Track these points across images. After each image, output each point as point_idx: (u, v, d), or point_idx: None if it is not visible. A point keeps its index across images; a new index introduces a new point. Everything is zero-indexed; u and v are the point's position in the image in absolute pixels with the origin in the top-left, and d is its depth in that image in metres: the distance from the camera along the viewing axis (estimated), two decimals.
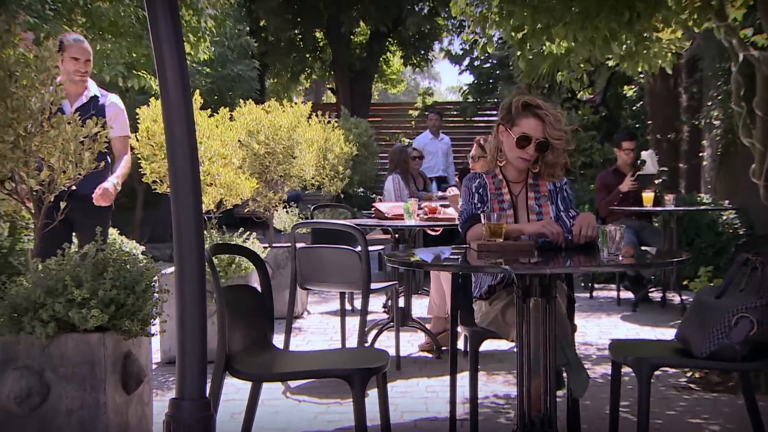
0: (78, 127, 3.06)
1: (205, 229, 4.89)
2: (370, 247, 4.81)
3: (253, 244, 5.50)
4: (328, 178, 8.59)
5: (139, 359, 3.16)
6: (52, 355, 2.90)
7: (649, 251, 3.75)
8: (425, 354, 5.32)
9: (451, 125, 17.04)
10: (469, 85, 16.89)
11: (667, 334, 5.69)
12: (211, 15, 8.37)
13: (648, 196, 6.73)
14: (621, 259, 2.83)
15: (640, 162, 7.12)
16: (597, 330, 6.05)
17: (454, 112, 17.79)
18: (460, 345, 4.95)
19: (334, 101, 19.49)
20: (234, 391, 4.04)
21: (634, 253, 3.35)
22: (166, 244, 11.39)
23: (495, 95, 16.34)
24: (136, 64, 7.94)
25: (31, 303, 2.86)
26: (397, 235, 5.77)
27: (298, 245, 4.75)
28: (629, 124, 12.29)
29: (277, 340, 3.42)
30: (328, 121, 8.70)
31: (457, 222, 3.69)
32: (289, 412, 4.02)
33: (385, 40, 18.73)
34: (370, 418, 2.87)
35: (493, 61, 16.07)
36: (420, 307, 6.56)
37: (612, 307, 7.08)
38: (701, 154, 9.20)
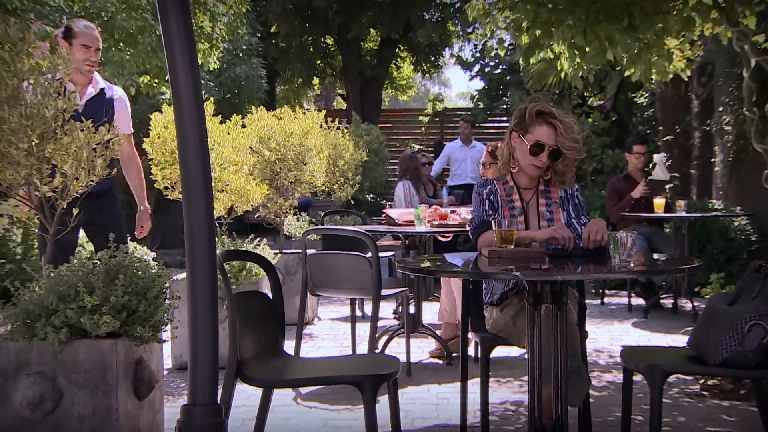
0: (91, 134, 3.07)
1: (216, 235, 4.90)
2: (380, 254, 4.81)
3: (264, 250, 5.51)
4: (338, 184, 8.60)
5: (150, 365, 3.17)
6: (65, 361, 2.91)
7: (661, 258, 3.74)
8: (436, 360, 5.32)
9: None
10: (480, 91, 16.88)
11: (678, 340, 5.67)
12: (224, 22, 8.41)
13: (659, 202, 6.70)
14: (632, 265, 2.82)
15: (651, 165, 7.10)
16: (608, 336, 6.03)
17: (466, 116, 17.78)
18: (471, 351, 4.95)
19: (345, 107, 19.52)
20: (245, 397, 4.05)
21: (645, 259, 3.34)
22: (176, 250, 11.43)
23: (505, 101, 16.33)
24: (149, 74, 7.98)
25: (43, 309, 2.88)
26: (407, 242, 5.77)
27: (308, 251, 4.76)
28: (640, 129, 12.25)
29: (288, 346, 3.42)
30: (338, 128, 8.72)
31: (467, 228, 3.68)
32: (299, 419, 4.02)
33: (396, 47, 18.75)
34: (380, 424, 2.87)
35: (504, 67, 16.06)
36: (430, 313, 6.55)
37: (623, 313, 7.06)
38: (713, 159, 9.16)
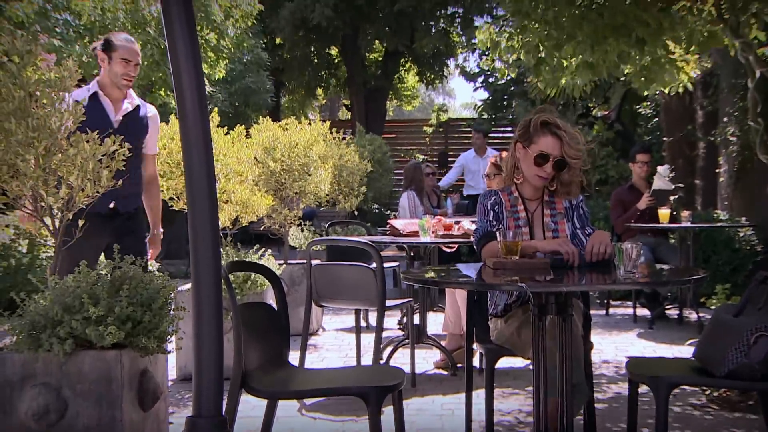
0: (96, 146, 3.09)
1: (221, 246, 4.91)
2: (385, 264, 4.81)
3: (269, 260, 5.51)
4: (343, 194, 8.61)
5: (155, 376, 3.17)
6: (70, 372, 2.91)
7: (666, 269, 3.73)
8: (440, 371, 5.31)
9: (466, 141, 17.04)
10: (484, 101, 16.89)
11: (684, 351, 5.65)
12: (229, 36, 8.46)
13: (664, 212, 6.69)
14: (637, 276, 2.81)
15: (656, 176, 7.10)
16: (613, 347, 6.01)
17: (469, 128, 17.79)
18: (476, 362, 4.94)
19: (349, 118, 19.55)
20: (249, 408, 4.04)
21: (650, 270, 3.33)
22: (181, 261, 11.44)
23: (510, 111, 16.34)
24: (154, 86, 8.05)
25: (49, 320, 2.88)
26: (412, 252, 5.77)
27: (313, 262, 4.76)
28: (645, 140, 12.25)
29: (292, 357, 3.43)
30: (343, 138, 8.74)
31: (471, 239, 3.68)
32: (304, 430, 4.02)
33: (400, 58, 18.79)
34: None
35: (508, 78, 16.08)
36: (435, 323, 6.54)
37: (628, 324, 7.04)
38: (718, 170, 9.15)
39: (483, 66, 15.90)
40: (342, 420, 4.14)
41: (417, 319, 5.41)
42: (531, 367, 3.03)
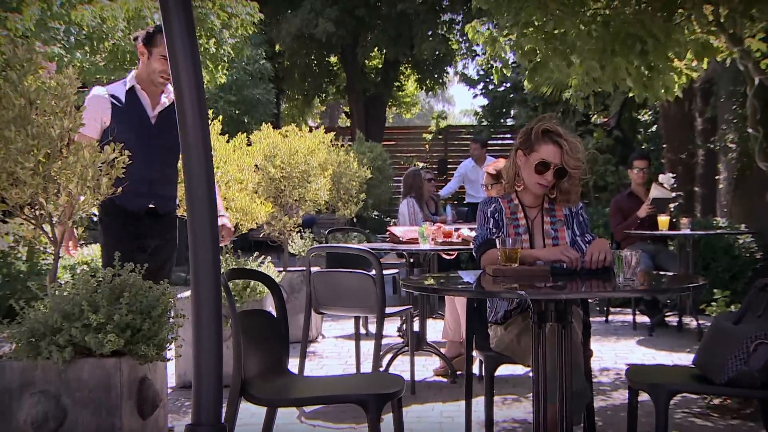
0: (96, 153, 3.09)
1: (221, 253, 4.91)
2: (384, 271, 4.81)
3: (268, 268, 5.51)
4: (342, 201, 8.61)
5: (154, 384, 3.17)
6: (69, 379, 2.91)
7: (665, 276, 3.73)
8: (440, 378, 5.30)
9: (465, 148, 17.06)
10: (483, 107, 16.92)
11: (683, 359, 5.64)
12: (230, 44, 8.47)
13: (663, 219, 6.69)
14: (637, 284, 2.81)
15: (654, 184, 7.10)
16: (613, 354, 6.00)
17: (469, 135, 17.81)
18: (476, 369, 4.93)
19: (349, 125, 19.58)
20: (249, 415, 4.04)
21: (649, 278, 3.33)
22: (181, 268, 11.42)
23: (509, 118, 16.37)
24: None
25: (48, 328, 2.88)
26: (411, 260, 5.77)
27: (312, 269, 4.76)
28: (644, 147, 12.27)
29: (292, 364, 3.42)
30: (342, 145, 8.74)
31: (471, 246, 3.68)
32: None
33: (400, 65, 18.84)
34: None
35: (507, 85, 16.11)
36: (435, 331, 6.53)
37: (628, 331, 7.03)
38: (717, 177, 9.16)
39: (480, 64, 15.92)
40: (341, 428, 4.14)
41: (416, 327, 5.40)
42: (531, 374, 3.02)
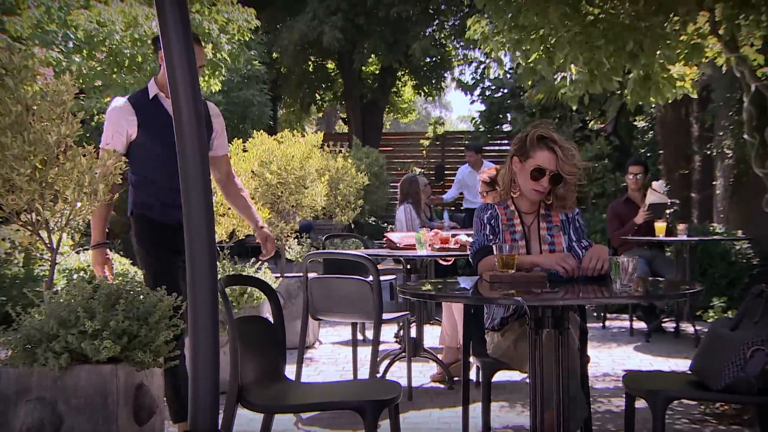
0: (93, 160, 3.09)
1: (218, 259, 4.90)
2: (381, 277, 4.80)
3: (265, 274, 5.50)
4: (339, 207, 8.61)
5: (151, 390, 3.16)
6: (65, 386, 2.90)
7: (662, 282, 3.74)
8: (437, 384, 5.30)
9: (463, 154, 17.06)
10: (481, 114, 16.94)
11: (680, 365, 5.64)
12: (227, 50, 8.47)
13: (660, 225, 6.70)
14: (633, 290, 2.81)
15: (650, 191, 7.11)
16: (610, 360, 6.00)
17: (466, 141, 17.82)
18: (473, 376, 4.93)
19: (346, 131, 19.59)
20: (245, 422, 4.03)
21: (646, 284, 3.34)
22: None
23: (506, 124, 16.38)
24: None
25: (44, 334, 2.87)
26: (408, 266, 5.76)
27: (310, 275, 4.76)
28: (640, 153, 12.29)
29: (289, 370, 3.42)
30: (339, 151, 8.75)
31: (468, 252, 3.68)
32: None
33: (397, 71, 18.86)
34: None
35: (504, 91, 16.13)
36: (432, 337, 6.53)
37: (625, 337, 7.03)
38: (714, 183, 9.18)
39: (474, 61, 15.92)
40: None
41: (414, 333, 5.40)
42: (528, 380, 3.02)
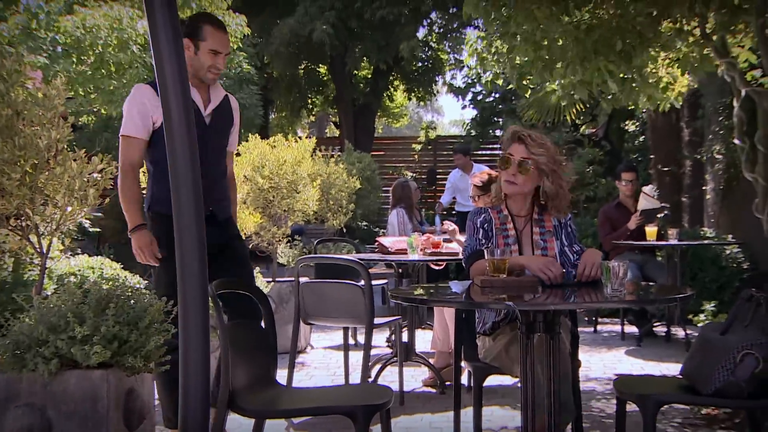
0: (84, 164, 3.08)
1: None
2: (373, 282, 4.80)
3: (257, 278, 5.49)
4: (331, 212, 8.60)
5: (142, 395, 3.15)
6: (55, 392, 2.89)
7: (653, 286, 3.75)
8: (429, 389, 5.29)
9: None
10: (472, 119, 16.98)
11: (672, 369, 5.66)
12: None
13: (651, 230, 6.72)
14: (624, 294, 2.82)
15: (642, 196, 7.14)
16: (601, 365, 6.01)
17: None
18: (464, 380, 4.93)
19: (338, 135, 19.59)
20: (236, 426, 4.02)
21: (637, 288, 3.34)
22: None
23: (498, 129, 16.42)
24: None
25: (33, 340, 2.86)
26: (400, 270, 5.77)
27: (301, 280, 4.75)
28: (632, 158, 12.33)
29: (280, 375, 3.41)
30: (331, 155, 8.75)
31: (460, 257, 3.69)
32: None
33: (389, 75, 18.87)
34: None
35: (496, 95, 16.18)
36: (423, 341, 6.53)
37: (616, 341, 7.05)
38: (704, 188, 9.22)
39: (469, 74, 15.97)
40: None
41: (405, 337, 5.40)
42: (519, 384, 3.02)
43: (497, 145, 16.55)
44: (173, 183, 2.40)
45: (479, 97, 16.77)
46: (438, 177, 16.48)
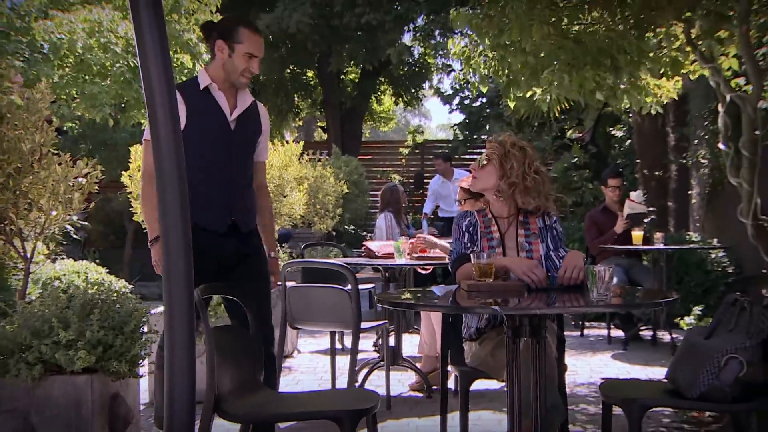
0: (68, 168, 3.06)
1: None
2: (360, 286, 4.79)
3: None
4: (318, 216, 8.59)
5: (126, 400, 3.13)
6: (38, 397, 2.87)
7: (639, 290, 3.76)
8: (416, 393, 5.29)
9: None
10: (459, 124, 17.00)
11: (657, 372, 5.68)
12: (205, 59, 8.44)
13: (637, 234, 6.75)
14: (610, 299, 2.83)
15: (627, 201, 7.17)
16: (587, 369, 6.03)
17: (445, 150, 17.87)
18: (451, 384, 4.93)
19: (325, 139, 19.57)
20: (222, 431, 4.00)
21: (623, 293, 3.35)
22: (155, 283, 11.32)
23: (485, 133, 16.44)
24: (126, 106, 7.97)
25: (17, 345, 2.84)
26: (387, 274, 5.76)
27: (288, 284, 4.74)
28: (618, 162, 12.38)
29: None
30: (318, 159, 8.75)
31: (447, 261, 3.69)
32: None
33: (376, 79, 18.87)
34: None
35: (483, 100, 16.20)
36: (410, 345, 6.52)
37: (602, 345, 7.07)
38: (690, 192, 9.27)
39: (457, 78, 15.99)
40: None
41: (392, 341, 5.39)
42: (505, 389, 3.02)
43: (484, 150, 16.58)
44: (158, 183, 2.39)
45: (466, 101, 16.80)
46: (425, 181, 16.49)
